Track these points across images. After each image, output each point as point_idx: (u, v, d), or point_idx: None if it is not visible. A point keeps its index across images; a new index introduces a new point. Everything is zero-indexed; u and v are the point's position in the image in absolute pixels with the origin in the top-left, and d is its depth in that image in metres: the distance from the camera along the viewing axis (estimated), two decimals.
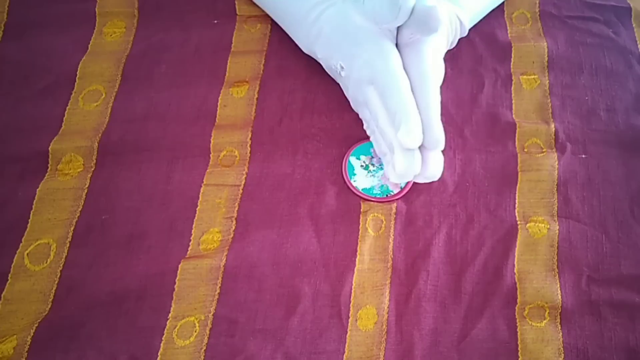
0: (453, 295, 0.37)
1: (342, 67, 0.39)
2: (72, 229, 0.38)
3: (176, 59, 0.46)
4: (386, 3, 0.35)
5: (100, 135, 0.42)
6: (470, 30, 0.47)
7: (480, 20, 0.48)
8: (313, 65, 0.44)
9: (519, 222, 0.40)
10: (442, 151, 0.37)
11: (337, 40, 0.39)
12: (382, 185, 0.41)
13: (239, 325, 0.36)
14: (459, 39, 0.45)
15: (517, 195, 0.41)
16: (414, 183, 0.41)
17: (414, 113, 0.35)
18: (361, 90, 0.38)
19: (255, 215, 0.39)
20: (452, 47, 0.45)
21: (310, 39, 0.42)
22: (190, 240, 0.38)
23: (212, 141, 0.42)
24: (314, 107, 0.44)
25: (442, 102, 0.45)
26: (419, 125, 0.34)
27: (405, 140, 0.34)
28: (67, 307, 0.36)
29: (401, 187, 0.41)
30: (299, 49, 0.44)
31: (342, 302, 0.37)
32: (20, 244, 0.38)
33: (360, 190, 0.41)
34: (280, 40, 0.47)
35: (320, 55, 0.42)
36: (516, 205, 0.41)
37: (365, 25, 0.38)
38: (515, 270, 0.38)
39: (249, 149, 0.42)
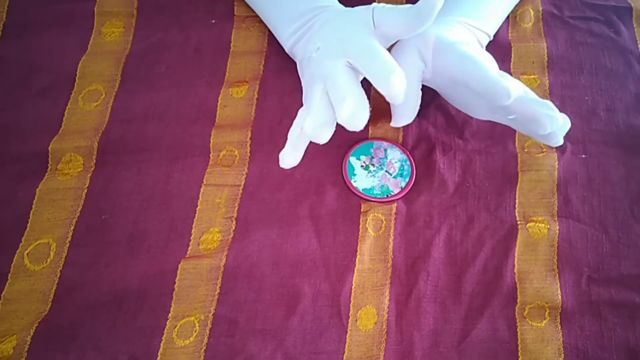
0: (453, 296, 0.37)
1: (317, 48, 0.37)
2: (72, 228, 0.38)
3: (176, 59, 0.46)
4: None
5: (100, 135, 0.42)
6: None
7: None
8: None
9: (519, 222, 0.40)
10: (443, 151, 0.36)
11: (327, 30, 0.38)
12: (382, 186, 0.41)
13: (239, 325, 0.36)
14: None
15: (517, 195, 0.41)
16: (414, 184, 0.41)
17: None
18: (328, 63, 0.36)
19: (255, 215, 0.39)
20: None
21: (296, 36, 0.41)
22: (190, 240, 0.38)
23: (212, 141, 0.42)
24: None
25: (442, 104, 0.45)
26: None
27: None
28: (67, 307, 0.36)
29: (401, 188, 0.41)
30: None
31: (342, 302, 0.37)
32: (20, 244, 0.37)
33: (361, 190, 0.41)
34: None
35: (300, 48, 0.40)
36: (516, 206, 0.41)
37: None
38: (516, 271, 0.38)
39: (248, 148, 0.42)
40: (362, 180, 0.41)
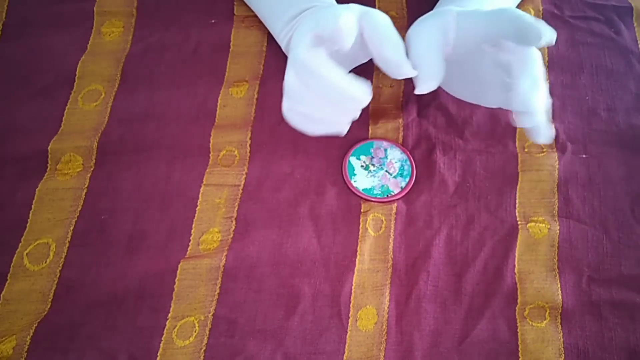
0: (453, 296, 0.37)
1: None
2: (71, 228, 0.38)
3: (175, 59, 0.46)
4: None
5: (99, 135, 0.42)
6: None
7: None
8: None
9: (519, 222, 0.40)
10: (443, 151, 0.36)
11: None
12: (382, 186, 0.41)
13: (238, 325, 0.35)
14: None
15: (517, 195, 0.41)
16: (414, 184, 0.41)
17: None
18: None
19: (255, 215, 0.39)
20: None
21: (290, 33, 0.41)
22: (190, 240, 0.38)
23: (211, 141, 0.42)
24: None
25: (442, 104, 0.45)
26: None
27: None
28: (67, 307, 0.35)
29: (401, 188, 0.41)
30: None
31: (342, 302, 0.37)
32: (20, 244, 0.37)
33: (361, 190, 0.41)
34: None
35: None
36: (517, 206, 0.41)
37: None
38: (516, 271, 0.38)
39: (248, 148, 0.42)
40: (362, 180, 0.41)
